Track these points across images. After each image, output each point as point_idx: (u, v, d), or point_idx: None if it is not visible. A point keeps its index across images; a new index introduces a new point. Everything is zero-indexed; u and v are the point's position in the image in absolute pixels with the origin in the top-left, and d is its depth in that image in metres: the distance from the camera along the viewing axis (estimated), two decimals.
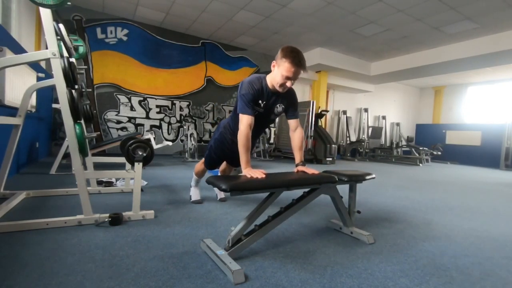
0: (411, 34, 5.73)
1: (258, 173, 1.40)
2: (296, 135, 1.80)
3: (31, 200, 2.12)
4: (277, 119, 7.94)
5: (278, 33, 6.16)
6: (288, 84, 1.61)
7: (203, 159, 2.22)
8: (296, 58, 1.54)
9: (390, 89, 10.52)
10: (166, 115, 6.38)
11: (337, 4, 4.68)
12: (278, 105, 1.76)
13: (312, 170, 1.61)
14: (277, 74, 1.59)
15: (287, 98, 1.77)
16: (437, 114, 10.92)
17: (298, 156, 1.76)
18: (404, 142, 10.03)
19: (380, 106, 10.49)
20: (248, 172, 1.45)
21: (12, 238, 1.40)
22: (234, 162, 2.13)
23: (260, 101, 1.69)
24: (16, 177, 2.93)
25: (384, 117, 10.45)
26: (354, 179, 1.70)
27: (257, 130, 1.88)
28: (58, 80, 1.60)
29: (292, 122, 1.81)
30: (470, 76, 8.92)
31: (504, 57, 5.87)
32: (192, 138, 5.68)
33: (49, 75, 3.70)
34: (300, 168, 1.66)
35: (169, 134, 6.45)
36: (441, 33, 5.59)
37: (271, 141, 7.93)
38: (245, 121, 1.59)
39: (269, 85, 1.68)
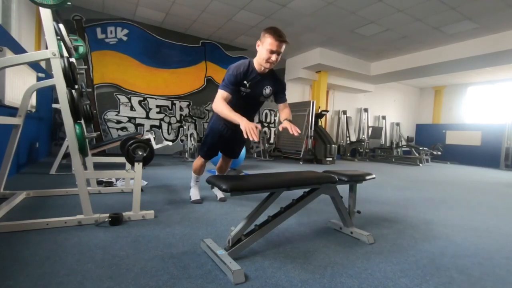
0: (411, 34, 5.73)
1: (254, 127, 1.47)
2: (285, 110, 1.93)
3: (31, 200, 2.12)
4: (277, 120, 7.94)
5: None
6: (273, 58, 1.71)
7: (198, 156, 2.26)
8: (276, 32, 1.67)
9: (390, 89, 10.52)
10: (166, 115, 6.37)
11: (337, 4, 4.68)
12: (266, 87, 1.87)
13: (295, 127, 1.64)
14: (262, 51, 1.72)
15: (275, 82, 1.90)
16: (437, 114, 10.91)
17: (284, 115, 1.85)
18: (404, 142, 10.03)
19: (380, 106, 10.48)
20: (246, 123, 1.50)
21: (12, 238, 1.40)
22: (228, 150, 2.21)
23: (245, 82, 1.80)
24: (16, 177, 2.93)
25: (384, 117, 10.45)
26: (354, 179, 1.70)
27: (248, 113, 1.92)
28: (58, 80, 1.60)
29: (281, 105, 1.95)
30: (470, 76, 8.92)
31: (504, 57, 5.86)
32: (192, 138, 5.68)
33: (49, 75, 3.70)
34: (286, 123, 1.69)
35: (169, 134, 6.45)
36: (441, 33, 5.59)
37: (271, 141, 7.94)
38: (219, 94, 1.76)
39: (256, 67, 1.81)
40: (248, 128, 1.47)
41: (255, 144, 7.36)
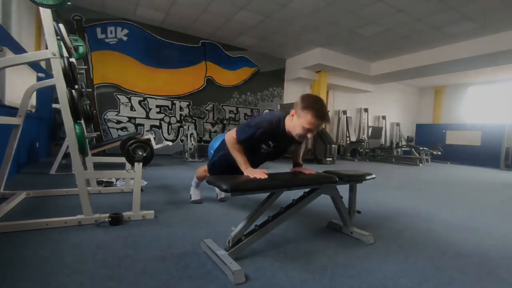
0: (411, 34, 5.73)
1: (260, 174, 1.40)
2: (297, 147, 1.82)
3: (31, 200, 2.12)
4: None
5: (278, 33, 6.15)
6: (309, 135, 1.48)
7: (206, 167, 2.13)
8: (320, 111, 1.41)
9: (390, 89, 10.52)
10: (166, 115, 6.38)
11: (337, 4, 4.68)
12: (292, 145, 1.71)
13: (309, 170, 1.60)
14: (297, 124, 1.46)
15: None
16: (437, 114, 10.91)
17: (296, 157, 1.77)
18: (404, 142, 10.03)
19: (380, 106, 10.48)
20: (250, 172, 1.45)
21: (12, 238, 1.40)
22: (237, 172, 2.09)
23: (270, 142, 1.61)
24: (16, 177, 2.92)
25: (384, 117, 10.45)
26: (354, 179, 1.70)
27: (262, 161, 1.82)
28: (58, 80, 1.60)
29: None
30: (470, 76, 8.92)
31: (504, 57, 5.87)
32: (192, 138, 5.68)
33: (49, 75, 3.70)
34: (297, 168, 1.66)
35: (169, 134, 6.45)
36: (441, 33, 5.59)
37: None
38: (237, 146, 1.55)
39: (286, 129, 1.55)
40: (252, 175, 1.41)
41: None
